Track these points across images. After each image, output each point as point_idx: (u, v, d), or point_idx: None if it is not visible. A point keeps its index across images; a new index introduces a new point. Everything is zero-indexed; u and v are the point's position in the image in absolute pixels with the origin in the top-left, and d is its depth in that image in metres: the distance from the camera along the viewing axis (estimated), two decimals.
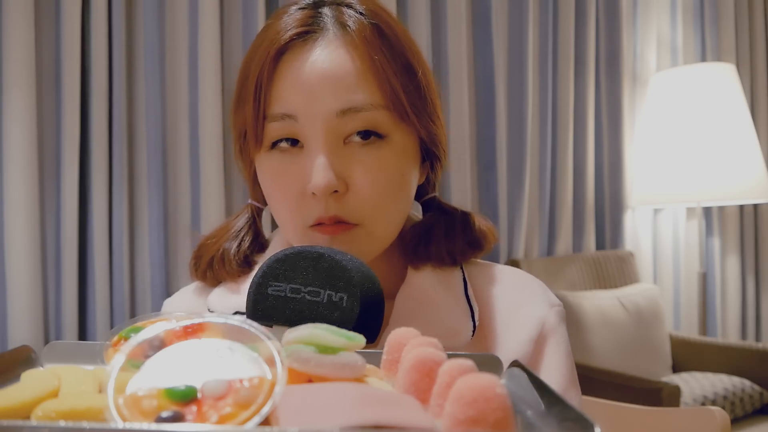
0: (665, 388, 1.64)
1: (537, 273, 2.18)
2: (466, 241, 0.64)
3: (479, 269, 0.66)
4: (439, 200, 0.69)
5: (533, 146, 2.28)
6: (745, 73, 2.80)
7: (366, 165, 0.56)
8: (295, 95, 0.55)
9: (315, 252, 0.48)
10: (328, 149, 0.55)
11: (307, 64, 0.55)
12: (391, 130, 0.57)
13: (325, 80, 0.54)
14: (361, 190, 0.56)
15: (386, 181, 0.56)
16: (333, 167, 0.54)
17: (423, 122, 0.59)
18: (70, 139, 1.49)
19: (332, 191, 0.55)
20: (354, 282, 0.46)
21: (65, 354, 0.44)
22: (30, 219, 1.44)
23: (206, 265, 0.66)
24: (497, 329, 0.62)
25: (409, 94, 0.57)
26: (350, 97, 0.54)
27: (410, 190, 0.61)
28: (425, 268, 0.62)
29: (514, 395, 0.36)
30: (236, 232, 0.68)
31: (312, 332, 0.35)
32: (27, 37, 1.43)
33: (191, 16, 1.64)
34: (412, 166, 0.60)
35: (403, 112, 0.57)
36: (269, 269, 0.48)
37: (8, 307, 1.42)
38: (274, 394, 0.29)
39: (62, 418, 0.30)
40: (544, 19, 2.30)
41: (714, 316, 2.73)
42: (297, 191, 0.56)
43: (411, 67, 0.58)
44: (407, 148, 0.59)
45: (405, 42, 0.59)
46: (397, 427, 0.27)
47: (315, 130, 0.55)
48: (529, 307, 0.63)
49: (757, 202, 2.72)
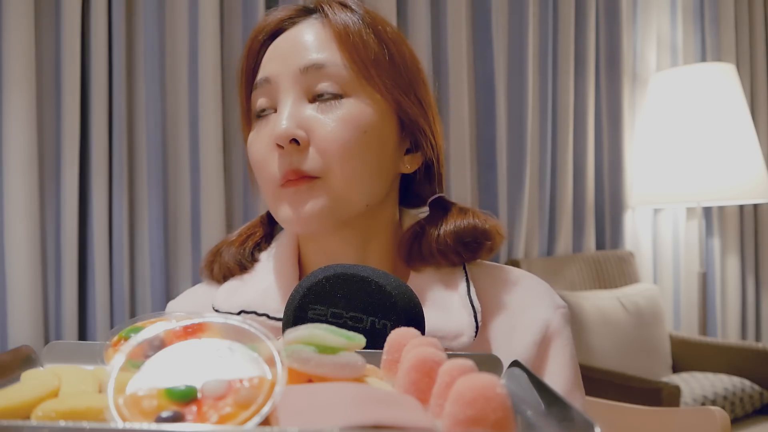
0: (665, 388, 1.64)
1: (537, 273, 2.17)
2: (459, 239, 0.62)
3: (484, 270, 0.66)
4: (444, 200, 0.68)
5: (533, 146, 2.28)
6: (745, 73, 2.80)
7: (327, 118, 0.58)
8: (270, 62, 0.62)
9: (357, 275, 0.47)
10: (292, 103, 0.59)
11: (285, 37, 0.62)
12: (356, 90, 0.59)
13: (296, 45, 0.60)
14: (321, 142, 0.57)
15: (346, 133, 0.58)
16: (294, 118, 0.58)
17: (391, 91, 0.60)
18: (70, 140, 1.49)
19: (291, 139, 0.57)
20: (398, 308, 0.45)
21: (65, 354, 0.44)
22: (30, 219, 1.44)
23: (214, 256, 0.69)
24: (501, 331, 0.61)
25: (377, 61, 0.60)
26: (314, 56, 0.59)
27: (380, 156, 0.60)
28: (427, 269, 0.62)
29: (514, 395, 0.36)
30: (248, 228, 0.71)
31: (312, 332, 0.35)
32: (27, 37, 1.43)
33: (191, 16, 1.64)
34: (380, 132, 0.60)
35: (367, 73, 0.59)
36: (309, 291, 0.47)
37: (8, 307, 1.42)
38: (274, 394, 0.29)
39: (62, 418, 0.30)
40: (544, 19, 2.30)
41: (714, 316, 2.73)
42: (267, 149, 0.60)
43: (386, 44, 0.61)
44: (375, 112, 0.60)
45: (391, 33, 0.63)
46: (397, 427, 0.27)
47: (284, 88, 0.60)
48: (534, 310, 0.62)
49: (757, 202, 2.72)
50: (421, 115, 0.63)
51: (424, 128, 0.63)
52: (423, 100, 0.64)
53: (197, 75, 1.63)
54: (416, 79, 0.63)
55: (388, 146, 0.62)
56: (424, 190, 0.69)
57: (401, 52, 0.62)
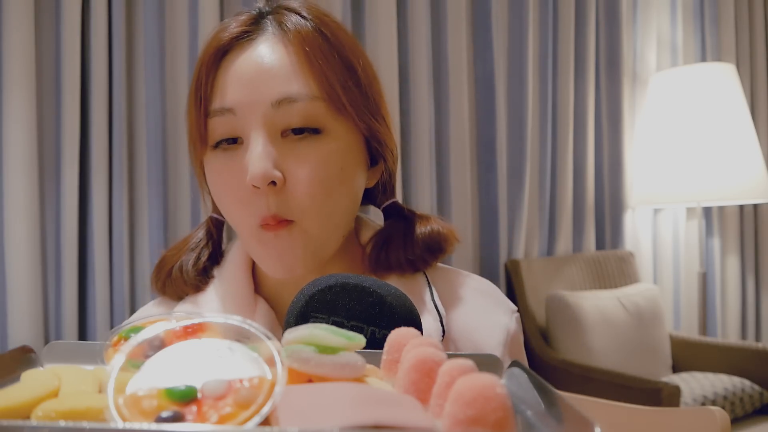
0: (665, 388, 1.64)
1: (537, 273, 2.18)
2: (426, 247, 0.63)
3: (441, 274, 0.67)
4: (399, 205, 0.69)
5: (533, 146, 2.28)
6: (745, 73, 2.80)
7: (303, 157, 0.55)
8: (232, 89, 0.56)
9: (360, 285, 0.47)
10: (265, 140, 0.55)
11: (246, 59, 0.57)
12: (329, 123, 0.56)
13: (262, 73, 0.56)
14: (299, 184, 0.55)
15: (324, 174, 0.56)
16: (270, 158, 0.54)
17: (363, 117, 0.59)
18: (70, 139, 1.49)
19: (269, 182, 0.54)
20: (398, 319, 0.46)
21: (65, 354, 0.44)
22: (30, 219, 1.44)
23: (165, 277, 0.65)
24: (465, 332, 0.62)
25: (347, 88, 0.57)
26: (285, 89, 0.55)
27: (353, 188, 0.60)
28: (390, 276, 0.63)
29: (514, 395, 0.36)
30: (195, 244, 0.67)
31: (312, 332, 0.35)
32: (27, 37, 1.43)
33: (191, 16, 1.64)
34: (354, 163, 0.59)
35: (339, 104, 0.56)
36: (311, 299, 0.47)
37: (8, 307, 1.42)
38: (274, 394, 0.29)
39: (62, 418, 0.30)
40: (544, 19, 2.30)
41: (714, 316, 2.73)
42: (240, 187, 0.56)
43: (351, 65, 0.58)
44: (348, 144, 0.58)
45: (345, 41, 0.59)
46: (397, 427, 0.27)
47: (252, 122, 0.55)
48: (494, 313, 0.64)
49: (757, 202, 2.72)
50: (386, 133, 0.63)
51: (389, 144, 0.63)
52: (386, 115, 0.63)
53: None
54: (378, 93, 0.62)
55: (360, 173, 0.61)
56: (378, 197, 0.69)
57: (363, 66, 0.60)
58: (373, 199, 0.70)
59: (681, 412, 0.92)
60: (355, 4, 1.91)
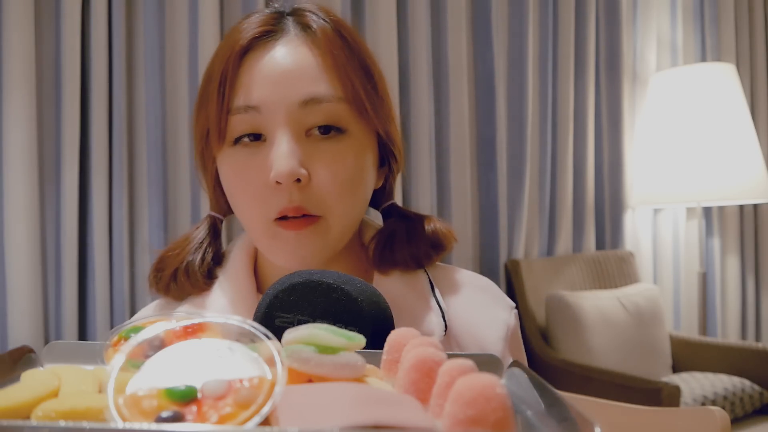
0: (665, 388, 1.64)
1: (537, 273, 2.18)
2: (429, 244, 0.65)
3: (441, 272, 0.68)
4: (397, 207, 0.70)
5: (533, 146, 2.28)
6: (745, 73, 2.80)
7: (328, 157, 0.57)
8: (258, 87, 0.57)
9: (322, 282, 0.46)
10: (291, 139, 0.56)
11: (270, 59, 0.57)
12: (351, 124, 0.58)
13: (288, 73, 0.57)
14: (323, 182, 0.57)
15: (346, 174, 0.57)
16: (295, 156, 0.55)
17: (380, 120, 0.61)
18: (70, 140, 1.49)
19: (295, 179, 0.55)
20: (364, 314, 0.45)
21: (65, 354, 0.44)
22: (30, 219, 1.44)
23: (169, 279, 0.64)
24: (466, 328, 0.63)
25: (367, 91, 0.59)
26: (312, 89, 0.56)
27: (367, 188, 0.62)
28: (393, 273, 0.63)
29: (514, 395, 0.36)
30: (199, 244, 0.66)
31: (312, 332, 0.35)
32: (27, 37, 1.43)
33: (191, 16, 1.64)
34: (370, 164, 0.61)
35: (362, 107, 0.58)
36: (275, 299, 0.46)
37: (8, 307, 1.42)
38: (274, 394, 0.29)
39: (62, 418, 0.30)
40: (544, 19, 2.30)
41: (714, 316, 2.73)
42: (260, 183, 0.57)
43: (368, 68, 0.60)
44: (366, 145, 0.60)
45: (362, 45, 0.62)
46: (397, 427, 0.27)
47: (278, 120, 0.56)
48: (494, 309, 0.66)
49: (757, 202, 2.72)
50: (398, 136, 0.65)
51: (399, 146, 0.65)
52: (396, 118, 0.65)
53: (197, 75, 1.63)
54: (387, 95, 0.64)
55: (374, 174, 0.63)
56: (380, 198, 0.70)
57: (377, 70, 0.62)
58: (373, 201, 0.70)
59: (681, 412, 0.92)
60: (355, 4, 1.91)
